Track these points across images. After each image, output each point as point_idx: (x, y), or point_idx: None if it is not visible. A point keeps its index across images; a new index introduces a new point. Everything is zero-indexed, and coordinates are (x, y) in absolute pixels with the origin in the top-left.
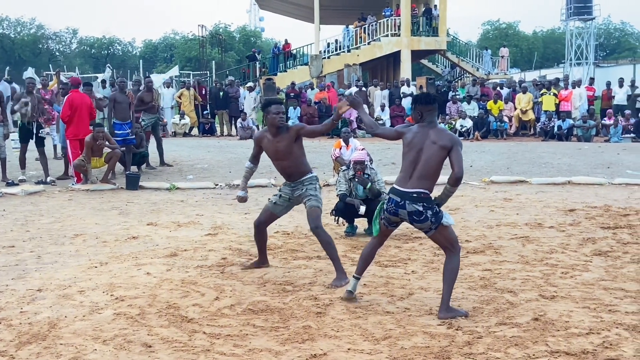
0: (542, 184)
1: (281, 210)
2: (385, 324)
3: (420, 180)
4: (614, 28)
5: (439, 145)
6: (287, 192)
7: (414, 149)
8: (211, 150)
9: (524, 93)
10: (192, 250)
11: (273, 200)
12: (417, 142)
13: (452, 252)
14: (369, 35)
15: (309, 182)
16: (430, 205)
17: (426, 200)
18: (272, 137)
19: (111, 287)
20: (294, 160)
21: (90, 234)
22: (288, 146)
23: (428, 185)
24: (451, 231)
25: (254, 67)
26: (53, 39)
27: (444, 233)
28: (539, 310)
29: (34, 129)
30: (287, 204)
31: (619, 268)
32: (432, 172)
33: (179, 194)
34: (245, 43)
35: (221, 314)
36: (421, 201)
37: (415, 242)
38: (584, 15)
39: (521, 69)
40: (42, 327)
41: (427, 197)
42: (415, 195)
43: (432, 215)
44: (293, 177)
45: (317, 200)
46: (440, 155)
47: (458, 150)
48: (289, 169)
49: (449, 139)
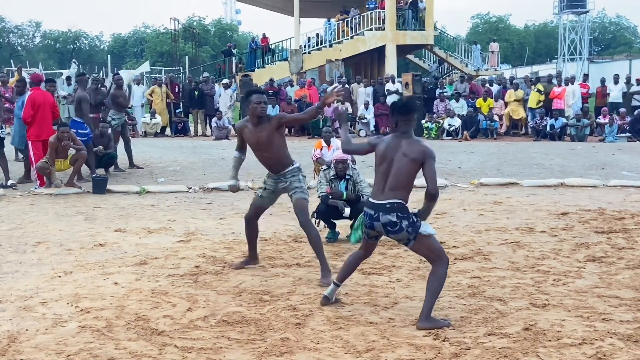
0: (533, 186)
1: (268, 202)
2: (368, 335)
3: (392, 192)
4: (609, 22)
5: (409, 158)
6: (271, 184)
7: (385, 161)
8: (184, 152)
9: (515, 90)
10: (163, 258)
11: (259, 194)
12: (388, 153)
13: (439, 263)
14: (351, 29)
15: (291, 174)
16: (405, 214)
17: (400, 210)
18: (253, 127)
19: (76, 298)
20: (275, 151)
21: (54, 241)
22: (269, 136)
23: (402, 196)
24: (434, 241)
25: (230, 63)
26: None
27: (425, 243)
28: (529, 319)
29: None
30: (272, 196)
31: (613, 274)
32: (403, 184)
33: (150, 198)
34: (221, 37)
35: (194, 325)
36: (394, 211)
37: (400, 249)
38: (577, 9)
39: (512, 64)
40: (1, 341)
41: (400, 207)
42: (389, 206)
43: (408, 225)
44: (275, 168)
45: (302, 192)
46: (410, 167)
47: (431, 165)
48: (271, 160)
49: (420, 152)
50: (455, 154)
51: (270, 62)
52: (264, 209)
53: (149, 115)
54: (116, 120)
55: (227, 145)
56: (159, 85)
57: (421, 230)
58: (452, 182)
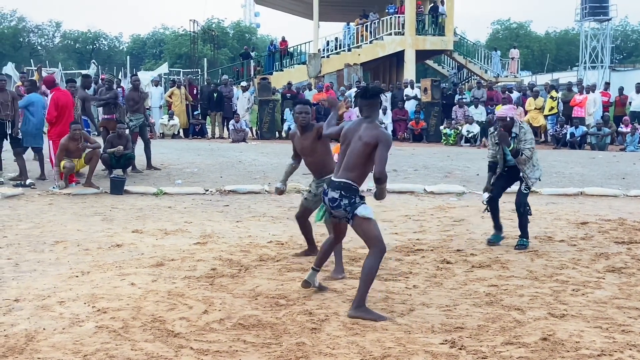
0: (553, 194)
1: (313, 205)
2: (384, 341)
3: (345, 172)
4: (631, 30)
5: (363, 141)
6: (313, 187)
7: (345, 142)
8: (201, 154)
9: (535, 98)
10: (179, 260)
11: (304, 196)
12: (349, 135)
13: (372, 249)
14: (371, 33)
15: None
16: (348, 194)
17: (344, 189)
18: (299, 135)
19: (93, 298)
20: (318, 157)
21: (72, 241)
22: (312, 144)
23: (353, 177)
24: (371, 225)
25: (248, 66)
26: (35, 32)
27: (362, 226)
28: (547, 329)
29: (8, 128)
30: (315, 199)
31: (633, 285)
32: (356, 166)
33: (167, 200)
34: (240, 40)
35: (210, 328)
36: (339, 189)
37: (417, 255)
38: (599, 16)
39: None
40: (18, 339)
41: (347, 186)
42: (336, 183)
43: (347, 204)
44: (318, 173)
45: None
46: (363, 150)
47: (381, 150)
48: (313, 166)
49: (374, 136)
50: (473, 160)
51: (289, 65)
52: (310, 210)
53: (166, 117)
54: (134, 122)
55: (244, 147)
56: (178, 87)
57: (357, 212)
58: (470, 189)
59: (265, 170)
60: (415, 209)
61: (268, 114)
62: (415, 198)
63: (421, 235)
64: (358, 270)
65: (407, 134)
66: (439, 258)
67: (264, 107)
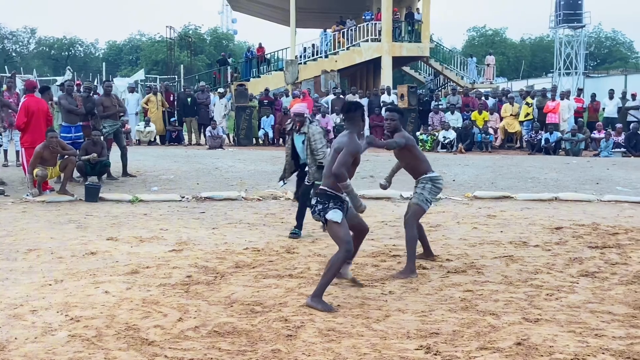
0: (527, 200)
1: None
2: (360, 348)
3: (324, 179)
4: (605, 37)
5: (334, 148)
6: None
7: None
8: (178, 160)
9: (512, 104)
10: (154, 268)
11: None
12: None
13: (339, 249)
14: (347, 40)
15: (421, 182)
16: (323, 200)
17: (321, 196)
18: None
19: (66, 307)
20: (404, 162)
21: (45, 249)
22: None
23: (329, 183)
24: (339, 228)
25: (225, 72)
26: (9, 38)
27: (331, 228)
28: (522, 334)
29: None
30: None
31: (606, 290)
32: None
33: (142, 207)
34: (217, 46)
35: (184, 336)
36: (317, 196)
37: (393, 261)
38: (573, 23)
39: (508, 78)
40: None
41: (322, 193)
42: (317, 191)
43: (321, 209)
44: (413, 176)
45: (417, 197)
46: (334, 157)
47: (343, 153)
48: (407, 169)
49: (340, 143)
50: (449, 166)
51: (266, 71)
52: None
53: (143, 124)
54: (107, 129)
55: (221, 154)
56: (155, 94)
57: (327, 216)
58: (446, 194)
59: (242, 177)
60: (392, 214)
61: (245, 121)
62: (392, 204)
63: (397, 241)
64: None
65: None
66: (417, 264)
67: (241, 114)
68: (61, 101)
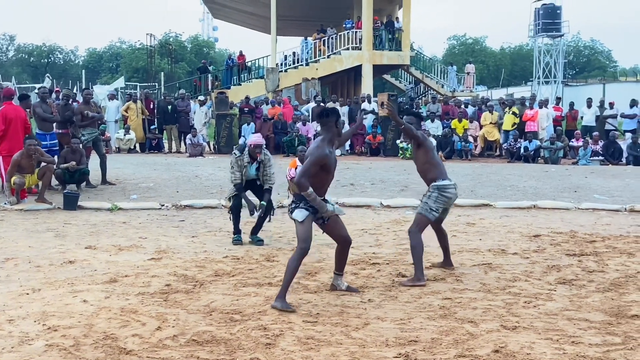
0: (506, 207)
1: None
2: (339, 356)
3: None
4: (583, 46)
5: (305, 154)
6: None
7: None
8: (158, 168)
9: (491, 112)
10: (133, 276)
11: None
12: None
13: (297, 248)
14: (328, 48)
15: (429, 189)
16: (297, 200)
17: (296, 197)
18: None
19: (43, 316)
20: (418, 165)
21: (23, 258)
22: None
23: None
24: (300, 228)
25: (206, 80)
26: None
27: (296, 227)
28: (500, 341)
29: None
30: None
31: (583, 297)
32: None
33: (121, 215)
34: (198, 54)
35: (163, 345)
36: (294, 196)
37: (373, 269)
38: (552, 32)
39: (488, 86)
40: None
41: (298, 195)
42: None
43: (291, 210)
44: (424, 180)
45: (422, 206)
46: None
47: (306, 162)
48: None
49: (309, 151)
50: None
51: (247, 79)
52: (440, 219)
53: (122, 131)
54: (86, 136)
55: (201, 162)
56: (134, 101)
57: (292, 214)
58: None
59: (222, 185)
60: (372, 222)
61: (225, 128)
62: (372, 212)
63: (377, 249)
64: (314, 284)
65: (365, 148)
66: (395, 272)
67: (221, 122)
68: (35, 109)
